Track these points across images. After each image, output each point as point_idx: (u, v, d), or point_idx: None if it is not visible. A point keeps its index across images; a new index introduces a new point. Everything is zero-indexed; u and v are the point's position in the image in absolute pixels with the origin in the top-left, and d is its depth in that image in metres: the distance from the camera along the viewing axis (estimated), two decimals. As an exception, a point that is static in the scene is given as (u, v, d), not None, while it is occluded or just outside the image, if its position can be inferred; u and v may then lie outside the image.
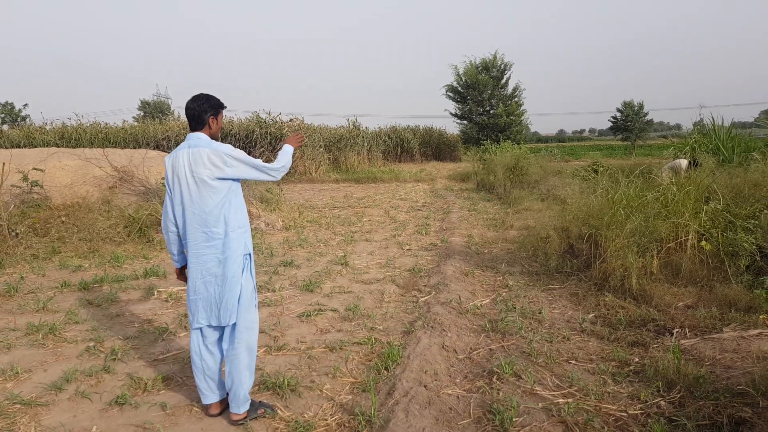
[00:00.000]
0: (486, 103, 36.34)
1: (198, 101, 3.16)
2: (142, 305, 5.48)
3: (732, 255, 5.36)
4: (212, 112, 3.18)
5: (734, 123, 11.91)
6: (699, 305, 4.90)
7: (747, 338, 4.00)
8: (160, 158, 11.77)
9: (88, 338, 4.53)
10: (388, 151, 33.15)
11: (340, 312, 5.25)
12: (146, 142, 25.77)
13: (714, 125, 11.83)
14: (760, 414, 2.98)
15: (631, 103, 48.20)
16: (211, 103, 3.18)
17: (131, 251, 7.70)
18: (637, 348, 4.21)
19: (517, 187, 14.72)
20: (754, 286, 4.85)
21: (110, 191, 9.36)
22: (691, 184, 6.15)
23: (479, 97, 35.93)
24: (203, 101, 3.16)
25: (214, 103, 3.20)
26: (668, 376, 3.56)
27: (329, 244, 8.71)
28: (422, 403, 3.30)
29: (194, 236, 3.11)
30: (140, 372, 3.90)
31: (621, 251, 5.50)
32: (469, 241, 8.58)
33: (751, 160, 7.76)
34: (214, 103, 3.20)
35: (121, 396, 3.48)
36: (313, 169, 24.14)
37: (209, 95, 3.21)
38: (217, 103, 3.22)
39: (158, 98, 66.45)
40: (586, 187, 8.57)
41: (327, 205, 14.34)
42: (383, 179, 22.54)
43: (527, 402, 3.41)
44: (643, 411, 3.26)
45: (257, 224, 9.80)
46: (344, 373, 3.89)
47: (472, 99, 36.14)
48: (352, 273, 6.81)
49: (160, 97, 67.67)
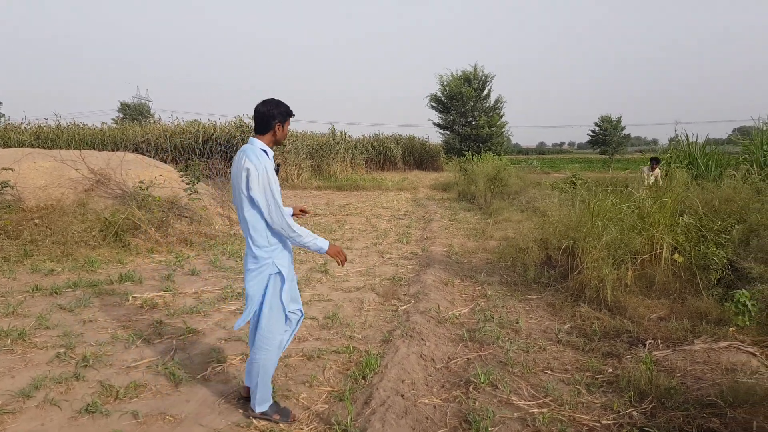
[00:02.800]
0: (468, 115, 36.65)
1: (268, 105, 3.14)
2: (116, 311, 5.39)
3: (703, 268, 5.47)
4: (280, 119, 3.16)
5: (708, 139, 12.20)
6: (671, 317, 4.98)
7: (717, 350, 4.07)
8: (139, 161, 11.63)
9: (59, 344, 4.43)
10: (371, 159, 33.21)
11: (319, 320, 5.23)
12: (125, 144, 25.42)
13: (689, 141, 12.09)
14: (727, 424, 3.04)
15: (609, 118, 49.06)
16: (280, 110, 3.16)
17: (106, 256, 7.58)
18: (611, 359, 4.27)
19: (497, 198, 14.84)
20: (725, 300, 4.94)
21: (86, 194, 9.19)
22: (667, 196, 6.26)
23: (462, 108, 36.23)
24: (273, 106, 3.14)
25: (283, 109, 3.17)
26: (641, 386, 3.61)
27: (309, 252, 8.67)
28: (399, 413, 3.29)
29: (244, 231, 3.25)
30: (112, 379, 3.83)
31: (597, 263, 5.57)
32: (449, 251, 8.61)
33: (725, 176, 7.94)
34: (284, 110, 3.18)
35: (91, 404, 3.41)
36: (295, 176, 24.07)
37: (280, 101, 3.19)
38: (287, 110, 3.20)
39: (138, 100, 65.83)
40: (564, 199, 8.68)
41: (308, 212, 14.27)
42: (365, 187, 22.55)
43: (503, 412, 3.42)
44: (616, 421, 3.30)
45: (237, 230, 9.73)
46: (321, 381, 3.86)
47: (455, 110, 36.43)
48: (331, 281, 6.78)
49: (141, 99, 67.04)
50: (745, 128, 14.78)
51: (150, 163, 11.87)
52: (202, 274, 6.97)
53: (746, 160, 9.71)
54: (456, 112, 36.64)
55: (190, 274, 6.91)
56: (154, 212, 8.78)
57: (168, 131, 25.86)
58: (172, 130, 25.85)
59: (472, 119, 36.74)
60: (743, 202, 6.28)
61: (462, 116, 36.83)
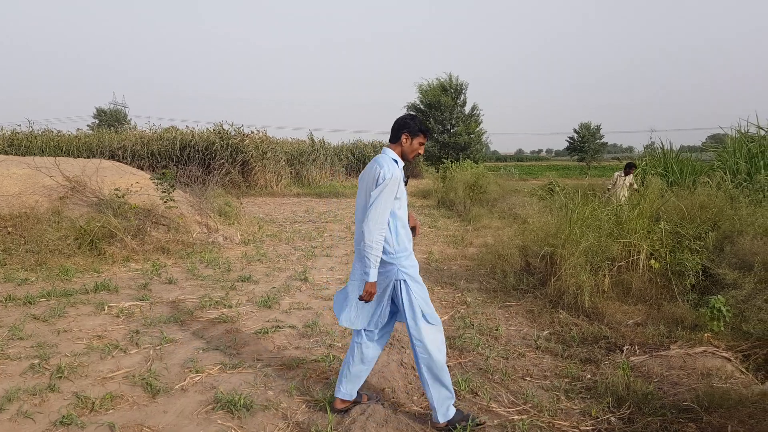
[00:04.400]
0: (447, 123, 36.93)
1: (404, 117, 3.28)
2: (91, 320, 5.29)
3: (679, 274, 5.57)
4: (408, 131, 3.25)
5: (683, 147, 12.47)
6: (648, 323, 5.05)
7: (692, 355, 4.14)
8: (115, 168, 11.47)
9: (33, 355, 4.33)
10: (351, 166, 33.22)
11: (299, 328, 5.19)
12: (101, 151, 25.05)
13: (664, 149, 12.33)
14: (703, 429, 3.09)
15: (588, 125, 49.73)
16: (412, 123, 3.27)
17: (81, 264, 7.44)
18: (590, 365, 4.31)
19: (476, 205, 14.94)
20: (700, 305, 5.02)
21: (61, 202, 9.03)
22: (645, 202, 6.37)
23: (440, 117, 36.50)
24: (408, 119, 3.27)
25: (415, 125, 3.27)
26: (618, 392, 3.65)
27: (289, 259, 8.62)
28: (379, 422, 3.28)
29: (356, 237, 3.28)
30: (87, 391, 3.75)
31: (575, 269, 5.63)
32: (429, 258, 8.63)
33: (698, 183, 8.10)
34: (416, 125, 3.28)
35: (66, 416, 3.33)
36: (274, 183, 23.96)
37: (417, 118, 3.30)
38: (419, 127, 3.28)
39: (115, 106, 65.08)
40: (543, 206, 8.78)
41: (287, 219, 14.22)
42: (345, 194, 22.55)
43: (483, 419, 3.43)
44: (595, 427, 3.33)
45: (215, 238, 9.63)
46: (301, 391, 3.83)
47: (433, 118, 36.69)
48: (311, 289, 6.75)
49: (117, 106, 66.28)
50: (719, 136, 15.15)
51: (126, 170, 11.72)
52: (179, 282, 6.88)
53: (719, 167, 9.92)
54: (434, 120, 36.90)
55: (167, 283, 6.82)
56: (131, 220, 8.66)
57: (145, 138, 25.59)
58: (149, 137, 25.59)
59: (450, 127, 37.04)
60: (717, 209, 6.42)
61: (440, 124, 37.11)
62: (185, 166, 18.99)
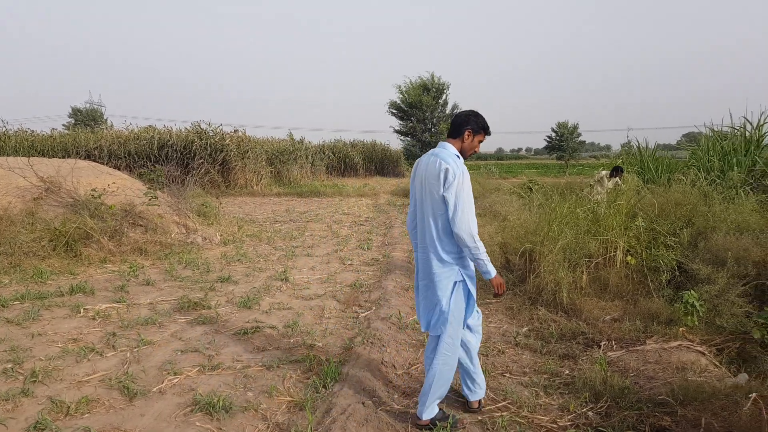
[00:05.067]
0: (428, 122, 37.10)
1: (466, 113, 3.27)
2: (66, 323, 5.20)
3: (654, 270, 5.66)
4: (472, 128, 3.23)
5: (658, 145, 12.65)
6: (624, 318, 5.12)
7: (668, 350, 4.21)
8: (91, 168, 11.29)
9: (6, 359, 4.24)
10: (332, 165, 33.12)
11: (279, 329, 5.17)
12: (76, 151, 24.59)
13: (640, 147, 12.51)
14: (678, 422, 3.14)
15: (565, 124, 50.29)
16: (476, 120, 3.25)
17: (56, 266, 7.31)
18: (568, 360, 4.37)
19: (457, 203, 14.95)
20: (674, 300, 5.11)
21: (35, 203, 8.85)
22: (622, 199, 6.45)
23: (422, 116, 36.65)
24: (471, 115, 3.25)
25: (479, 121, 3.26)
26: (596, 387, 3.71)
27: (269, 259, 8.57)
28: (360, 421, 3.28)
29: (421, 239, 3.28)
30: (63, 395, 3.69)
31: (553, 266, 5.69)
32: (410, 256, 8.64)
33: (673, 180, 8.23)
34: (480, 122, 3.26)
35: (41, 421, 3.27)
36: (254, 182, 23.77)
37: (480, 114, 3.28)
38: (483, 124, 3.28)
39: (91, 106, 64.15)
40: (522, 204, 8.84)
41: (268, 219, 14.13)
42: (326, 193, 22.46)
43: (463, 416, 3.45)
44: (573, 422, 3.37)
45: (194, 238, 9.54)
46: (281, 391, 3.81)
47: (415, 117, 36.81)
48: (292, 289, 6.72)
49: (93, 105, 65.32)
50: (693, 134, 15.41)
51: (103, 170, 11.54)
52: (157, 284, 6.80)
53: (694, 165, 10.08)
54: (416, 119, 37.05)
55: (144, 285, 6.73)
56: (107, 221, 8.53)
57: (122, 137, 25.20)
58: (126, 137, 25.20)
59: (431, 126, 37.21)
60: (691, 206, 6.53)
61: (422, 123, 37.28)
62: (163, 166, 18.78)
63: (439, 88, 37.54)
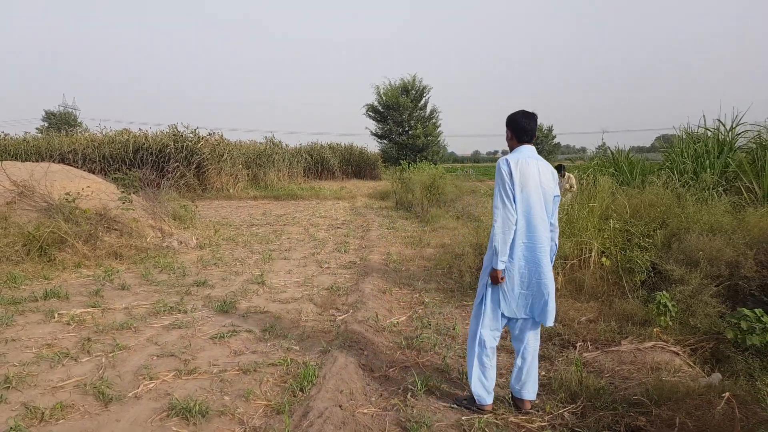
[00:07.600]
0: (405, 124, 37.17)
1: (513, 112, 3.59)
2: (40, 329, 5.10)
3: (629, 271, 5.74)
4: (511, 127, 3.60)
5: (633, 147, 12.83)
6: (600, 319, 5.18)
7: (642, 350, 4.28)
8: (65, 172, 11.07)
9: (-25, 367, 4.15)
10: (309, 168, 32.99)
11: (256, 333, 5.13)
12: (50, 155, 24.19)
13: (614, 149, 12.70)
14: (652, 422, 3.19)
15: (540, 126, 50.87)
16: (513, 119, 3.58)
17: (30, 271, 7.16)
18: (544, 361, 4.41)
19: (434, 206, 15.05)
20: (649, 301, 5.18)
21: (8, 207, 8.65)
22: (596, 201, 6.54)
23: (399, 118, 36.71)
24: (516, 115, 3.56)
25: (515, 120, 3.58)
26: (572, 388, 3.75)
27: (246, 263, 8.51)
28: (337, 424, 3.27)
29: (538, 237, 3.42)
30: (37, 400, 3.62)
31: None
32: (387, 259, 8.66)
33: (647, 182, 8.36)
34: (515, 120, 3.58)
35: (14, 427, 3.21)
36: (230, 186, 23.57)
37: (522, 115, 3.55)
38: (516, 123, 3.58)
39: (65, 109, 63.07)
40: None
41: (244, 222, 14.02)
42: (303, 196, 22.38)
43: (440, 418, 3.47)
44: (549, 422, 3.41)
45: (169, 242, 9.42)
46: (258, 395, 3.79)
47: (392, 119, 36.86)
48: (269, 292, 6.68)
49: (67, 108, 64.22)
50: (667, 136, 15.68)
51: (77, 174, 11.32)
52: (132, 288, 6.71)
53: (668, 166, 10.23)
54: (393, 121, 37.11)
55: (120, 289, 6.63)
56: (82, 225, 8.38)
57: (96, 141, 24.86)
58: (101, 140, 24.86)
59: (408, 129, 37.30)
60: (665, 208, 6.64)
61: (399, 125, 37.34)
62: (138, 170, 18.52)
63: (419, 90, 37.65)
